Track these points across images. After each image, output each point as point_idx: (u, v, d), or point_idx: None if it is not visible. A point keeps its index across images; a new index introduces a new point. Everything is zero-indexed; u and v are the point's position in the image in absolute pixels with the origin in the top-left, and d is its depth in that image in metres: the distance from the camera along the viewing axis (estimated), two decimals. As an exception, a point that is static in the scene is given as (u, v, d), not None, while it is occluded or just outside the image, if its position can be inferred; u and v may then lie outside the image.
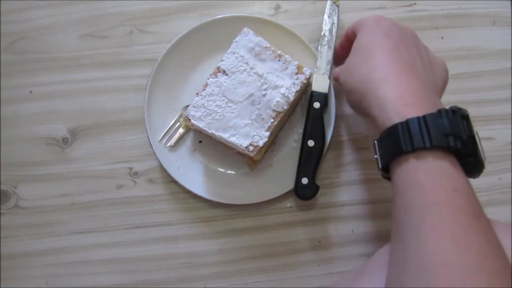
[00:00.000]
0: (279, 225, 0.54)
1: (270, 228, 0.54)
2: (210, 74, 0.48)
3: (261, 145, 0.46)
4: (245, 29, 0.49)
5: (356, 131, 0.55)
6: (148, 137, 0.52)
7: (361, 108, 0.40)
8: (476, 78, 0.56)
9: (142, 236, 0.54)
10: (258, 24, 0.52)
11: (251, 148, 0.46)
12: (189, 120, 0.47)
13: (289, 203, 0.54)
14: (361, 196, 0.54)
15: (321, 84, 0.51)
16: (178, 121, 0.53)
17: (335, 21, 0.53)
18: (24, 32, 0.57)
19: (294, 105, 0.52)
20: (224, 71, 0.48)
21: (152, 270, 0.53)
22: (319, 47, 0.53)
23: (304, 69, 0.48)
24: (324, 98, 0.51)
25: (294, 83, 0.47)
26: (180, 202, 0.54)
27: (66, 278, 0.53)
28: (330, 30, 0.53)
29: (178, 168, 0.52)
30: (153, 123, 0.53)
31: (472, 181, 0.53)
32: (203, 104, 0.47)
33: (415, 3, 0.57)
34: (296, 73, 0.48)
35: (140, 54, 0.56)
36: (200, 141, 0.54)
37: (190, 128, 0.53)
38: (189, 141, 0.54)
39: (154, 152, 0.52)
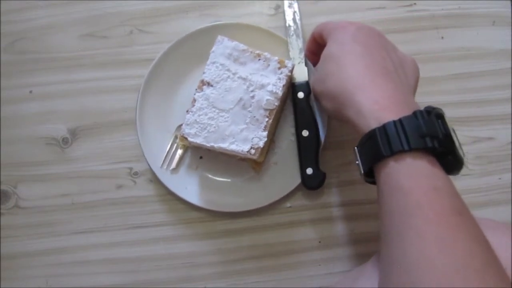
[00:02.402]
0: (279, 225, 0.54)
1: (270, 228, 0.54)
2: (196, 89, 0.48)
3: (261, 146, 0.46)
4: (219, 37, 0.48)
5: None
6: (149, 165, 0.52)
7: (340, 116, 0.40)
8: (476, 78, 0.56)
9: (142, 236, 0.54)
10: (233, 30, 0.52)
11: (252, 151, 0.46)
12: (186, 138, 0.47)
13: (289, 203, 0.54)
14: (361, 196, 0.54)
15: (299, 73, 0.52)
16: (175, 143, 0.53)
17: (296, 10, 0.54)
18: (24, 32, 0.57)
19: (284, 100, 0.52)
20: (208, 83, 0.48)
21: (152, 270, 0.53)
22: (288, 38, 0.53)
23: (286, 61, 0.48)
24: (306, 86, 0.51)
25: (279, 78, 0.47)
26: (180, 202, 0.54)
27: (66, 278, 0.53)
28: (294, 19, 0.54)
29: (186, 188, 0.52)
30: (151, 151, 0.52)
31: (473, 181, 0.54)
32: (196, 119, 0.47)
33: (415, 3, 0.57)
34: (279, 68, 0.48)
35: (140, 54, 0.56)
36: (201, 157, 0.53)
37: (188, 147, 0.53)
38: (189, 159, 0.53)
39: (159, 179, 0.52)
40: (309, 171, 0.50)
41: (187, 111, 0.47)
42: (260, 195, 0.52)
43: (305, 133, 0.51)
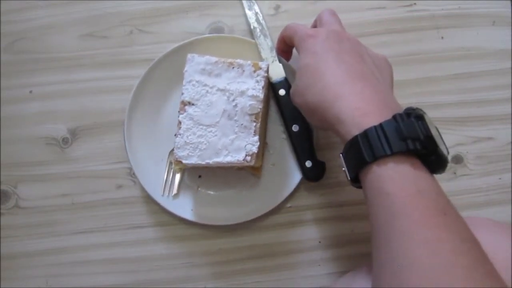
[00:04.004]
0: (279, 225, 0.54)
1: (270, 228, 0.54)
2: (178, 111, 0.48)
3: (255, 151, 0.46)
4: (189, 56, 0.48)
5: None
6: (151, 196, 0.52)
7: (323, 126, 0.40)
8: (476, 78, 0.56)
9: (142, 236, 0.54)
10: (204, 44, 0.53)
11: (248, 158, 0.46)
12: (180, 162, 0.47)
13: (289, 203, 0.54)
14: (361, 196, 0.53)
15: (275, 71, 0.52)
16: (171, 169, 0.53)
17: (257, 10, 0.55)
18: (24, 32, 0.57)
19: (266, 101, 0.52)
20: (189, 102, 0.47)
21: (152, 270, 0.53)
22: (256, 40, 0.54)
23: (260, 63, 0.48)
24: (285, 83, 0.51)
25: (257, 81, 0.47)
26: (180, 202, 0.54)
27: (66, 278, 0.53)
28: (258, 20, 0.55)
29: (192, 210, 0.52)
30: (149, 183, 0.52)
31: (473, 181, 0.54)
32: (185, 141, 0.47)
33: (415, 3, 0.57)
34: (254, 71, 0.48)
35: (140, 54, 0.56)
36: (200, 176, 0.53)
37: (184, 169, 0.53)
38: (189, 181, 0.53)
39: (165, 208, 0.52)
40: (308, 163, 0.51)
41: (175, 135, 0.47)
42: (265, 199, 0.52)
43: (295, 128, 0.51)
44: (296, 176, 0.52)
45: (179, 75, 0.48)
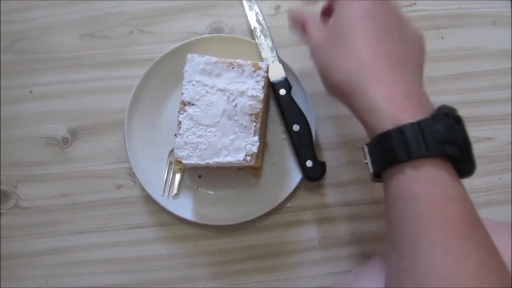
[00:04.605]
0: (279, 225, 0.54)
1: (270, 228, 0.54)
2: (178, 111, 0.48)
3: (255, 151, 0.46)
4: (189, 56, 0.48)
5: (355, 131, 0.55)
6: (151, 196, 0.52)
7: (347, 106, 0.36)
8: (476, 78, 0.56)
9: (142, 236, 0.54)
10: (204, 44, 0.53)
11: (248, 158, 0.46)
12: (180, 162, 0.47)
13: (289, 203, 0.54)
14: (361, 196, 0.54)
15: (276, 72, 0.52)
16: (171, 169, 0.53)
17: (258, 10, 0.55)
18: (24, 32, 0.57)
19: (266, 100, 0.52)
20: (189, 103, 0.47)
21: (152, 270, 0.53)
22: (256, 40, 0.54)
23: (260, 63, 0.48)
24: (286, 83, 0.52)
25: (257, 81, 0.47)
26: (180, 202, 0.54)
27: (66, 278, 0.53)
28: (258, 21, 0.55)
29: (192, 210, 0.52)
30: (149, 183, 0.52)
31: (473, 181, 0.54)
32: (185, 141, 0.47)
33: (415, 3, 0.57)
34: (254, 71, 0.48)
35: (140, 54, 0.56)
36: (200, 176, 0.53)
37: (184, 169, 0.53)
38: (189, 181, 0.53)
39: (165, 208, 0.52)
40: (309, 163, 0.51)
41: (175, 135, 0.47)
42: (265, 199, 0.52)
43: (295, 127, 0.51)
44: (296, 176, 0.52)
45: (179, 75, 0.48)
